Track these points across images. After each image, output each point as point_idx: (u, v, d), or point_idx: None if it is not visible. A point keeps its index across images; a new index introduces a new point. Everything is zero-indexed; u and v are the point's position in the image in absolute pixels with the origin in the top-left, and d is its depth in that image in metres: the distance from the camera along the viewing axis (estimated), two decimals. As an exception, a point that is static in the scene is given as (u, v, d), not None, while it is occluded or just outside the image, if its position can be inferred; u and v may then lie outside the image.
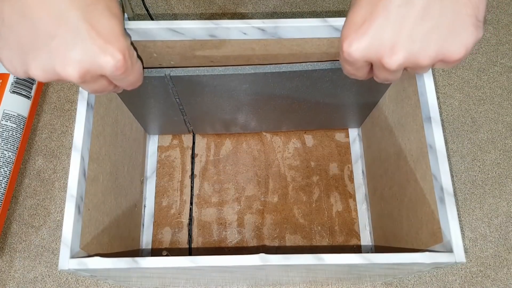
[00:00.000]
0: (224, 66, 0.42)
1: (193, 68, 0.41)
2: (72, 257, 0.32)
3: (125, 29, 0.31)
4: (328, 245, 0.53)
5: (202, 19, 0.50)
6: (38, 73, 0.29)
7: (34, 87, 0.57)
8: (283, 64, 0.41)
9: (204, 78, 0.42)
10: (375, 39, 0.28)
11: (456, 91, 0.61)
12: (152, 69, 0.40)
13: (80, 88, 0.36)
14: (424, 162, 0.36)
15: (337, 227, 0.54)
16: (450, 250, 0.32)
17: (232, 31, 0.39)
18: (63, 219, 0.33)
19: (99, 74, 0.30)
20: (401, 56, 0.28)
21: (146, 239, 0.53)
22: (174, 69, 0.41)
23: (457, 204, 0.55)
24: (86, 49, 0.28)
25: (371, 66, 0.31)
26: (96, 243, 0.37)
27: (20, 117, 0.54)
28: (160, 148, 0.58)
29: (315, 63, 0.41)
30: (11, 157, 0.52)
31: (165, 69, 0.41)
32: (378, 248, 0.51)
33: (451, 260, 0.32)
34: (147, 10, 0.59)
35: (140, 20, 0.63)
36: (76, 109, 0.36)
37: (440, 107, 0.60)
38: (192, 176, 0.56)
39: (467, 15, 0.27)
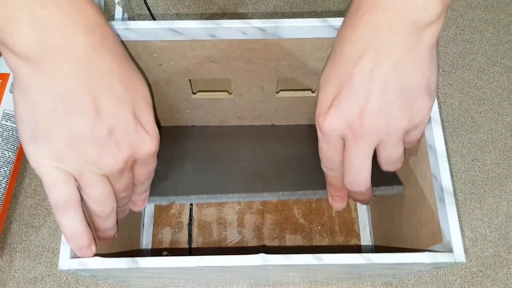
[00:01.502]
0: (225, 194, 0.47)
1: (196, 196, 0.45)
2: (72, 257, 0.32)
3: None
4: (328, 245, 0.53)
5: (202, 19, 0.50)
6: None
7: (34, 87, 0.57)
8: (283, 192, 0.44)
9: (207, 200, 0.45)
10: (345, 112, 0.32)
11: (456, 91, 0.61)
12: (156, 198, 0.43)
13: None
14: (424, 162, 0.36)
15: (337, 227, 0.54)
16: (450, 250, 0.32)
17: (232, 31, 0.39)
18: (63, 219, 0.33)
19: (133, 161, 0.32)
20: (370, 124, 0.32)
21: (146, 239, 0.53)
22: (179, 197, 0.44)
23: (457, 204, 0.55)
24: (134, 138, 0.31)
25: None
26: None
27: (20, 117, 0.54)
28: (160, 148, 0.58)
29: (315, 191, 0.44)
30: (11, 157, 0.52)
31: (170, 197, 0.44)
32: (378, 248, 0.51)
33: (451, 260, 0.32)
34: (149, 9, 0.59)
35: (140, 20, 0.64)
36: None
37: (440, 107, 0.60)
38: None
39: (421, 87, 0.32)
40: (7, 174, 0.51)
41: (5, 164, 0.51)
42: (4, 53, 0.28)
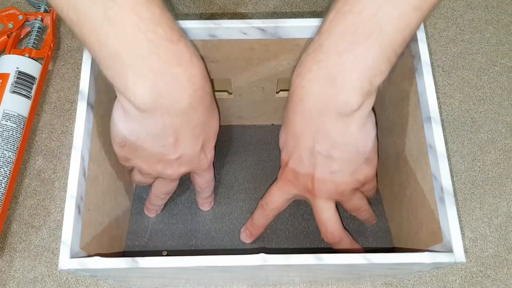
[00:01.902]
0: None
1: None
2: (72, 257, 0.32)
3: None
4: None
5: (202, 19, 0.50)
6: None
7: (34, 87, 0.57)
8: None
9: None
10: (297, 180, 0.40)
11: (456, 91, 0.61)
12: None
13: (80, 88, 0.36)
14: (424, 162, 0.36)
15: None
16: (450, 250, 0.32)
17: (232, 31, 0.39)
18: (63, 219, 0.33)
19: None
20: (321, 187, 0.39)
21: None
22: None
23: (457, 204, 0.55)
24: (194, 162, 0.40)
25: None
26: (96, 243, 0.37)
27: (20, 117, 0.54)
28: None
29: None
30: (11, 157, 0.52)
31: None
32: (378, 248, 0.51)
33: (451, 260, 0.32)
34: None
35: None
36: (76, 109, 0.36)
37: (440, 107, 0.60)
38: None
39: (358, 159, 0.37)
40: (7, 174, 0.51)
41: (5, 164, 0.51)
42: (116, 90, 0.34)
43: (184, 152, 0.38)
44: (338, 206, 0.43)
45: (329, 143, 0.36)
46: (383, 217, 0.52)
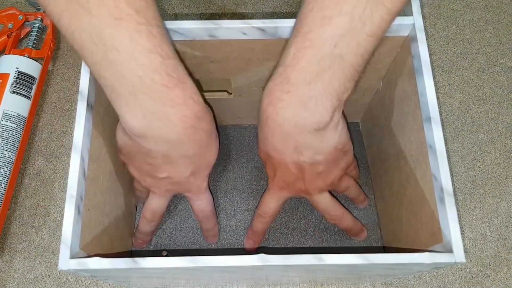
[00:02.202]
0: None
1: None
2: (72, 257, 0.32)
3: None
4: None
5: (202, 19, 0.50)
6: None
7: (34, 87, 0.57)
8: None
9: None
10: (288, 185, 0.43)
11: (456, 91, 0.61)
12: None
13: (80, 88, 0.36)
14: (424, 162, 0.36)
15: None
16: (450, 250, 0.32)
17: (232, 31, 0.39)
18: (63, 219, 0.33)
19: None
20: (313, 186, 0.43)
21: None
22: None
23: (457, 204, 0.55)
24: (183, 185, 0.42)
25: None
26: (96, 243, 0.37)
27: (20, 117, 0.54)
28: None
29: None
30: (11, 157, 0.52)
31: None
32: (378, 249, 0.51)
33: (451, 260, 0.32)
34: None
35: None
36: (76, 109, 0.36)
37: (440, 107, 0.60)
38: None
39: (339, 152, 0.40)
40: (7, 174, 0.51)
41: (5, 164, 0.51)
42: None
43: (171, 174, 0.40)
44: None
45: (311, 152, 0.39)
46: (373, 216, 0.52)
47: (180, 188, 0.43)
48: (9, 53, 0.59)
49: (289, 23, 0.38)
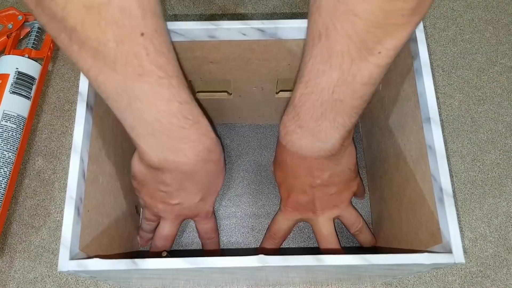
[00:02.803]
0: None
1: None
2: (72, 258, 0.32)
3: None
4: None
5: (201, 20, 0.50)
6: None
7: (34, 87, 0.57)
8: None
9: None
10: (302, 207, 0.46)
11: (456, 91, 0.61)
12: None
13: (79, 89, 0.36)
14: (424, 163, 0.36)
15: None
16: (449, 251, 0.32)
17: (232, 32, 0.39)
18: (63, 219, 0.33)
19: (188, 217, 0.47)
20: (323, 206, 0.46)
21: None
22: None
23: (457, 204, 0.55)
24: (192, 210, 0.46)
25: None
26: (95, 245, 0.37)
27: (20, 117, 0.54)
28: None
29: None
30: (11, 157, 0.52)
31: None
32: (378, 249, 0.51)
33: (450, 261, 0.32)
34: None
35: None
36: (75, 109, 0.36)
37: (440, 107, 0.60)
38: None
39: (349, 177, 0.45)
40: (7, 175, 0.51)
41: (5, 165, 0.51)
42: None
43: (183, 200, 0.43)
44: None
45: (327, 175, 0.43)
46: (367, 217, 0.52)
47: (189, 213, 0.46)
48: (9, 53, 0.59)
49: (289, 23, 0.38)
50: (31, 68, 0.57)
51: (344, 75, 0.34)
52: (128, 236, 0.48)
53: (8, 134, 0.52)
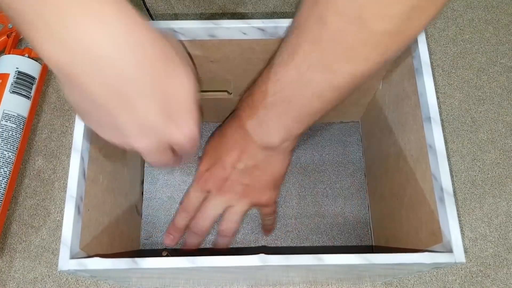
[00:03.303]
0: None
1: None
2: (72, 257, 0.32)
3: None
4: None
5: (202, 19, 0.50)
6: (117, 143, 0.32)
7: (34, 87, 0.57)
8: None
9: None
10: (217, 176, 0.45)
11: (456, 91, 0.61)
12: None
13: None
14: (424, 162, 0.36)
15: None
16: (449, 251, 0.32)
17: (232, 31, 0.39)
18: (63, 219, 0.33)
19: (168, 147, 0.33)
20: (231, 188, 0.45)
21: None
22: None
23: (457, 204, 0.55)
24: (158, 125, 0.30)
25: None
26: (96, 244, 0.37)
27: (20, 117, 0.54)
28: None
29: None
30: (11, 157, 0.52)
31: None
32: (378, 248, 0.51)
33: (451, 260, 0.32)
34: (147, 10, 0.59)
35: (140, 20, 0.63)
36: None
37: (440, 107, 0.60)
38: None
39: (269, 183, 0.45)
40: (7, 175, 0.51)
41: (5, 165, 0.51)
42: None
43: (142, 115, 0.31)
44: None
45: (251, 164, 0.43)
46: (365, 216, 0.52)
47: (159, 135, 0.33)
48: (9, 53, 0.58)
49: (289, 23, 0.38)
50: (31, 67, 0.57)
51: (299, 78, 0.34)
52: (128, 236, 0.48)
53: (8, 133, 0.52)
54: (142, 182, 0.55)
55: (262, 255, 0.32)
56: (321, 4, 0.31)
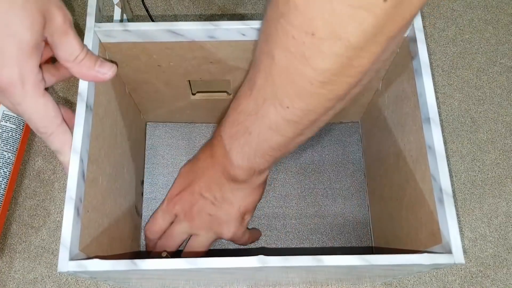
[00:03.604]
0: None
1: None
2: (71, 259, 0.32)
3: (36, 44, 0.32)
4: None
5: (201, 20, 0.50)
6: None
7: (34, 88, 0.57)
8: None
9: None
10: (186, 203, 0.46)
11: (455, 91, 0.61)
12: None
13: (79, 89, 0.36)
14: (423, 163, 0.36)
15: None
16: (449, 251, 0.32)
17: (231, 32, 0.39)
18: (63, 219, 0.33)
19: None
20: (196, 221, 0.46)
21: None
22: None
23: (456, 204, 0.55)
24: None
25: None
26: (95, 245, 0.37)
27: (20, 118, 0.54)
28: (159, 149, 0.57)
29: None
30: (11, 158, 0.52)
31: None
32: (378, 249, 0.51)
33: (450, 261, 0.32)
34: (147, 11, 0.59)
35: (140, 21, 0.63)
36: (75, 110, 0.36)
37: (439, 107, 0.60)
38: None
39: (235, 215, 0.45)
40: (7, 175, 0.51)
41: (4, 165, 0.51)
42: None
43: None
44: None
45: (219, 195, 0.44)
46: (365, 216, 0.52)
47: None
48: (8, 54, 0.58)
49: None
50: (31, 68, 0.57)
51: (256, 110, 0.35)
52: (128, 237, 0.48)
53: (8, 134, 0.52)
54: (142, 183, 0.55)
55: (261, 257, 0.32)
56: (271, 39, 0.31)
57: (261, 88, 0.34)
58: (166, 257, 0.49)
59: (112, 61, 0.40)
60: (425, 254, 0.32)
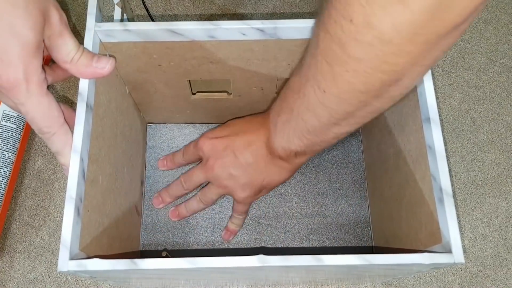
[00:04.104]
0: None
1: None
2: (71, 258, 0.32)
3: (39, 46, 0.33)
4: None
5: (201, 20, 0.50)
6: None
7: (34, 87, 0.57)
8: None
9: None
10: (212, 147, 0.47)
11: (455, 91, 0.61)
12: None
13: (79, 89, 0.36)
14: (423, 162, 0.36)
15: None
16: (449, 251, 0.32)
17: (231, 32, 0.39)
18: (63, 219, 0.33)
19: None
20: (215, 175, 0.47)
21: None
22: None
23: (456, 204, 0.55)
24: None
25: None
26: (95, 245, 0.37)
27: (20, 117, 0.54)
28: (159, 149, 0.57)
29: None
30: (11, 157, 0.52)
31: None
32: (378, 249, 0.51)
33: (450, 261, 0.32)
34: (147, 10, 0.59)
35: (140, 21, 0.63)
36: (75, 109, 0.36)
37: (439, 107, 0.60)
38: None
39: (255, 184, 0.46)
40: (7, 175, 0.51)
41: (5, 165, 0.51)
42: None
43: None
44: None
45: (251, 160, 0.45)
46: (365, 216, 0.52)
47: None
48: (8, 54, 0.58)
49: (288, 23, 0.38)
50: (31, 68, 0.57)
51: (299, 88, 0.36)
52: (128, 237, 0.48)
53: (8, 134, 0.52)
54: (142, 183, 0.55)
55: (261, 256, 0.32)
56: (321, 20, 0.31)
57: (306, 67, 0.35)
58: (166, 256, 0.49)
59: (110, 55, 0.40)
60: (425, 254, 0.32)
